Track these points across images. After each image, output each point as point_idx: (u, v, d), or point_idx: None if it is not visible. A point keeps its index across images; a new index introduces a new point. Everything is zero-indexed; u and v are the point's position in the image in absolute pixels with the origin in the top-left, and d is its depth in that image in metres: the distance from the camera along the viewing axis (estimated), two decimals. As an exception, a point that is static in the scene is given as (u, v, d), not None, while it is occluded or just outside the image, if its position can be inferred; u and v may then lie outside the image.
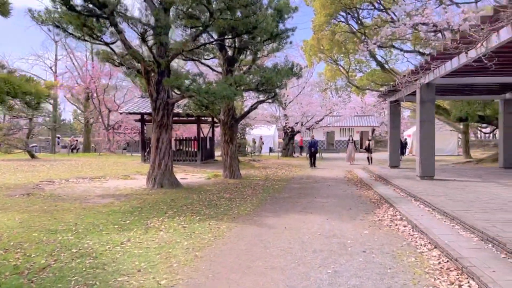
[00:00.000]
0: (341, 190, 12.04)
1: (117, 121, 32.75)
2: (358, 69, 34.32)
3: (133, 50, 11.24)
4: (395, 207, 8.38)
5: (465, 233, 5.75)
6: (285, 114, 32.16)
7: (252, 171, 18.53)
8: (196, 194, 10.76)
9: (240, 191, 11.46)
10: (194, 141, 21.54)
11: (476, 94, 16.46)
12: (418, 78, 11.85)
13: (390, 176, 13.82)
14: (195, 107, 14.27)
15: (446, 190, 9.67)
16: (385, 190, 11.14)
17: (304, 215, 8.08)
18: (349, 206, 9.15)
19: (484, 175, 13.55)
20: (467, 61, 8.89)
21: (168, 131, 12.50)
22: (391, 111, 17.50)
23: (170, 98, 12.43)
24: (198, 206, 9.00)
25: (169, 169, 12.48)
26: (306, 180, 15.00)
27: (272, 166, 21.72)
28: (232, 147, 15.26)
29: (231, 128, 15.15)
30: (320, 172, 18.66)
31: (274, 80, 11.96)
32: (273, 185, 13.08)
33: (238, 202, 9.56)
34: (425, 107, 12.35)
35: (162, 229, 6.79)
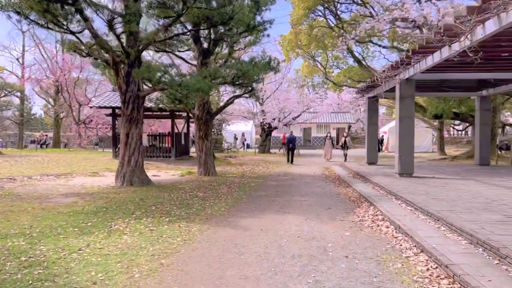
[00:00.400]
0: (319, 187, 11.67)
1: (89, 116, 31.53)
2: (336, 66, 34.23)
3: (100, 39, 10.50)
4: (375, 206, 8.03)
5: (452, 236, 5.42)
6: (263, 110, 31.72)
7: (228, 168, 18.00)
8: (168, 193, 10.16)
9: (214, 189, 10.92)
10: (168, 136, 20.81)
11: (453, 91, 16.41)
12: (398, 73, 11.57)
13: (368, 173, 13.56)
14: (168, 101, 13.59)
15: (427, 188, 9.41)
16: (364, 188, 10.83)
17: (281, 215, 7.63)
18: (328, 205, 8.76)
19: (462, 173, 13.46)
20: (450, 55, 8.61)
21: (139, 125, 11.82)
22: (369, 107, 17.28)
23: (140, 91, 11.75)
24: (168, 206, 8.41)
25: (140, 165, 11.82)
26: (284, 177, 14.59)
27: (249, 163, 21.24)
28: (207, 143, 14.68)
29: (206, 124, 14.57)
30: (298, 168, 18.31)
31: (251, 73, 11.44)
32: (250, 183, 12.60)
33: (211, 201, 9.02)
34: (404, 103, 12.10)
35: (127, 232, 6.20)
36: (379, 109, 60.75)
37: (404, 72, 11.69)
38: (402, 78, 11.93)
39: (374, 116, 17.32)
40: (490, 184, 10.29)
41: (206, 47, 14.26)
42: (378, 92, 15.71)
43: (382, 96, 15.54)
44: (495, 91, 15.76)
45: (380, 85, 15.05)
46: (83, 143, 29.67)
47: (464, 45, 7.85)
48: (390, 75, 11.74)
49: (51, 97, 36.28)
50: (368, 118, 17.30)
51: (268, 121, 32.02)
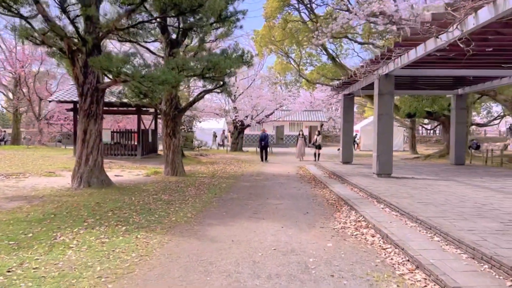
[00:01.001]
0: (294, 188, 10.96)
1: (50, 111, 29.72)
2: (309, 63, 33.85)
3: (53, 24, 9.36)
4: (357, 211, 7.36)
5: (450, 248, 4.77)
6: (235, 107, 30.85)
7: (198, 167, 17.06)
8: (129, 196, 9.17)
9: (181, 191, 10.00)
10: (134, 133, 19.63)
11: (429, 89, 16.09)
12: (378, 68, 10.98)
13: (345, 173, 12.96)
14: (132, 95, 12.50)
15: (409, 190, 8.84)
16: (342, 189, 10.19)
17: (255, 221, 6.82)
18: (306, 209, 8.04)
19: (440, 173, 13.08)
20: (436, 46, 8.04)
21: (98, 121, 10.74)
22: (344, 104, 16.74)
23: (100, 83, 10.66)
24: (127, 211, 7.46)
25: (99, 165, 10.74)
26: (257, 177, 13.81)
27: (220, 162, 20.34)
28: (175, 141, 13.70)
29: (174, 120, 13.58)
30: (271, 168, 17.58)
31: (222, 65, 10.57)
32: (220, 184, 11.74)
33: (177, 206, 8.12)
34: (383, 99, 11.55)
35: (73, 245, 5.24)
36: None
37: (384, 67, 11.12)
38: (381, 73, 11.37)
39: (349, 113, 16.80)
40: (472, 185, 9.85)
41: (174, 37, 13.29)
42: (355, 89, 15.17)
43: (359, 93, 15.01)
44: (471, 89, 15.54)
45: (357, 82, 14.51)
46: (44, 140, 27.89)
47: (453, 36, 7.27)
48: (370, 70, 11.14)
49: (10, 90, 34.08)
50: (343, 115, 16.76)
51: (241, 119, 31.19)
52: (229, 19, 13.27)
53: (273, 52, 30.67)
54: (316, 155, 21.70)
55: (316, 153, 21.79)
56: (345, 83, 15.06)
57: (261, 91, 32.95)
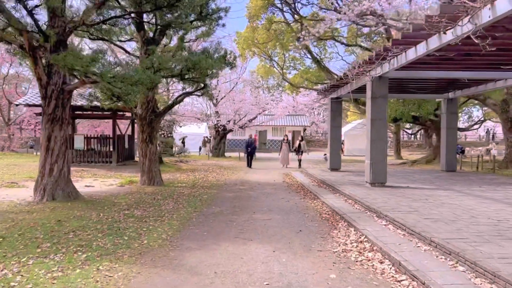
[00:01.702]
0: (283, 200, 10.04)
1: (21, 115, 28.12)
2: (292, 67, 33.11)
3: (9, 15, 8.23)
4: (357, 228, 6.49)
5: (482, 283, 3.91)
6: (217, 111, 29.85)
7: (178, 175, 15.99)
8: (97, 211, 8.08)
9: (157, 205, 8.96)
10: (109, 139, 18.40)
11: (421, 92, 15.46)
12: (371, 69, 10.20)
13: (335, 181, 12.13)
14: (104, 98, 11.41)
15: (410, 203, 8.03)
16: (335, 201, 9.32)
17: (242, 244, 5.86)
18: (298, 225, 7.12)
19: (434, 180, 12.39)
20: (440, 45, 7.27)
21: (64, 126, 9.62)
22: (332, 108, 15.95)
23: (66, 84, 9.56)
24: (92, 232, 6.39)
25: (65, 175, 9.61)
26: (241, 186, 12.84)
27: (202, 169, 19.30)
28: (152, 147, 12.63)
29: (150, 125, 12.52)
30: (256, 175, 16.64)
31: (203, 65, 9.61)
32: (201, 195, 10.73)
33: (151, 224, 7.09)
34: (376, 103, 10.78)
35: (16, 283, 4.18)
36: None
37: (378, 69, 10.35)
38: (374, 75, 10.60)
39: (337, 118, 16.02)
40: (474, 196, 9.13)
41: (151, 36, 12.28)
42: (343, 92, 14.40)
43: (348, 97, 14.25)
44: (462, 93, 14.98)
45: (345, 85, 13.74)
46: (12, 146, 26.26)
47: (461, 31, 6.50)
48: (362, 71, 10.35)
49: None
50: (331, 120, 15.98)
51: (223, 123, 30.20)
52: (211, 17, 12.35)
53: (256, 55, 29.87)
54: (299, 161, 20.70)
55: (299, 160, 20.78)
56: (333, 86, 14.28)
57: (244, 95, 32.05)
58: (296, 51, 31.26)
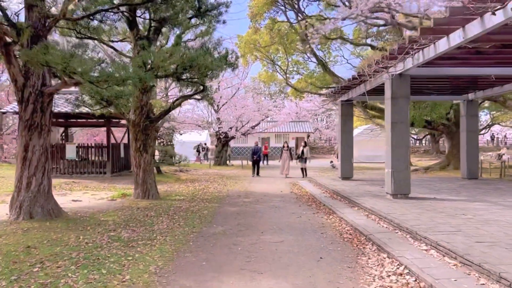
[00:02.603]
0: (293, 215, 8.80)
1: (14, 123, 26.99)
2: (296, 71, 31.97)
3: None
4: (390, 254, 5.26)
5: None
6: (218, 117, 28.70)
7: (176, 186, 14.76)
8: (78, 233, 6.86)
9: (149, 224, 7.72)
10: (103, 148, 17.20)
11: (438, 93, 14.25)
12: (392, 65, 8.99)
13: (350, 192, 10.89)
14: (92, 102, 10.25)
15: (447, 219, 6.79)
16: (355, 216, 8.08)
17: (250, 279, 4.63)
18: (317, 250, 5.88)
19: (461, 190, 11.13)
20: (485, 30, 6.07)
21: (44, 134, 8.43)
22: (342, 112, 14.74)
23: (46, 86, 8.39)
24: (65, 262, 5.16)
25: (45, 190, 8.40)
26: (245, 198, 11.60)
27: (202, 179, 18.08)
28: (147, 157, 11.43)
29: (145, 131, 11.33)
30: (260, 185, 15.40)
31: (200, 62, 8.42)
32: (201, 210, 9.49)
33: (139, 250, 5.85)
34: (397, 104, 9.57)
35: None
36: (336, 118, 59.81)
37: (399, 65, 9.16)
38: (394, 72, 9.40)
39: (348, 122, 14.81)
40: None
41: (144, 35, 11.15)
42: (355, 94, 13.22)
43: (361, 99, 13.06)
44: (484, 94, 13.75)
45: (357, 85, 12.57)
46: (4, 156, 25.07)
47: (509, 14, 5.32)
48: (384, 66, 9.14)
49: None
50: (341, 125, 14.77)
51: (225, 130, 29.04)
52: (210, 13, 11.25)
53: (258, 59, 28.77)
54: (303, 170, 18.81)
55: (303, 169, 18.89)
56: (344, 87, 13.09)
57: (246, 101, 30.91)
58: (300, 55, 30.24)
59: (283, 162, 19.48)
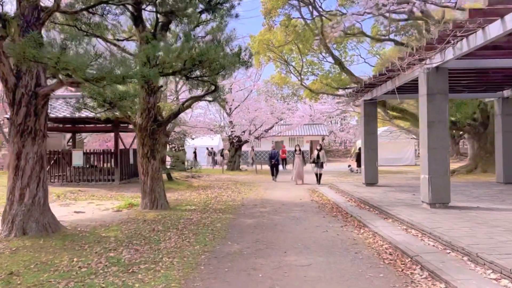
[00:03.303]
0: (318, 228, 7.74)
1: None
2: (311, 72, 30.93)
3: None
4: (452, 286, 4.18)
5: None
6: (231, 121, 27.78)
7: (188, 194, 13.81)
8: (72, 254, 5.92)
9: (156, 241, 6.76)
10: (111, 154, 16.38)
11: (468, 91, 13.06)
12: (429, 56, 7.89)
13: (379, 201, 9.80)
14: (95, 104, 9.38)
15: (508, 236, 5.67)
16: (392, 231, 6.99)
17: (276, 322, 3.61)
18: (354, 277, 4.83)
19: (504, 197, 9.97)
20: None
21: (38, 140, 7.57)
22: (365, 112, 13.63)
23: (41, 87, 7.53)
24: (48, 297, 4.23)
25: (40, 202, 7.52)
26: (262, 208, 10.59)
27: (215, 185, 17.12)
28: (155, 164, 10.51)
29: (152, 136, 10.41)
30: (277, 192, 14.37)
31: (211, 56, 7.47)
32: (214, 222, 8.51)
33: (141, 276, 4.88)
34: (434, 102, 8.47)
35: None
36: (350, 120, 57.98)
37: (436, 57, 8.06)
38: (430, 66, 8.31)
39: (372, 123, 13.69)
40: None
41: (151, 32, 10.27)
42: (380, 92, 12.13)
43: (394, 97, 11.97)
44: (523, 90, 12.51)
45: (383, 83, 11.50)
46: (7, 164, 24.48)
47: None
48: (418, 59, 8.06)
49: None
50: (364, 125, 13.65)
51: (237, 134, 28.09)
52: (222, 7, 10.33)
53: (272, 60, 27.84)
54: (318, 176, 16.78)
55: (317, 174, 16.82)
56: (368, 85, 12.00)
57: (259, 103, 29.92)
58: (314, 55, 29.18)
59: (296, 167, 17.51)
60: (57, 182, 15.98)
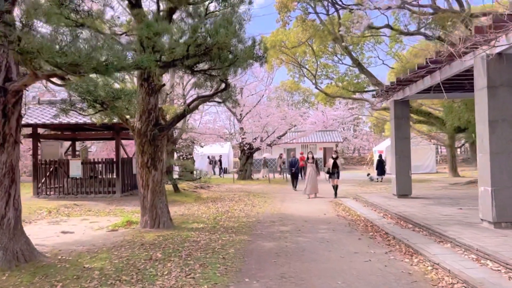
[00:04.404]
0: (358, 256, 6.12)
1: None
2: (325, 75, 29.39)
3: None
4: None
5: None
6: (241, 127, 26.29)
7: (195, 208, 12.28)
8: (35, 300, 4.41)
9: (151, 277, 5.22)
10: (112, 164, 14.93)
11: None
12: (496, 37, 6.28)
13: (423, 217, 8.16)
14: (86, 105, 7.94)
15: None
16: (459, 262, 5.35)
17: None
18: None
19: None
20: None
21: (8, 148, 6.11)
22: (396, 114, 12.00)
23: (11, 82, 6.09)
24: None
25: (9, 225, 6.04)
26: (282, 226, 8.99)
27: (226, 196, 15.58)
28: (156, 175, 8.99)
29: (153, 142, 8.90)
30: (296, 204, 12.78)
31: (221, 39, 5.97)
32: (225, 247, 6.94)
33: None
34: (497, 96, 6.85)
35: None
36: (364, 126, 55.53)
37: (500, 40, 6.45)
38: (489, 52, 6.70)
39: (404, 126, 12.03)
40: None
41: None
42: (413, 90, 10.53)
43: (432, 96, 10.34)
44: None
45: (421, 78, 9.91)
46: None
47: None
48: (473, 45, 6.46)
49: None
50: (395, 129, 12.01)
51: (248, 141, 26.58)
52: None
53: (284, 62, 26.39)
54: (335, 188, 14.32)
55: (334, 186, 14.36)
56: (402, 81, 10.40)
57: (271, 109, 28.38)
58: (329, 57, 27.66)
59: (309, 178, 14.87)
60: (53, 195, 14.59)
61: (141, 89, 8.75)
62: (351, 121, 46.13)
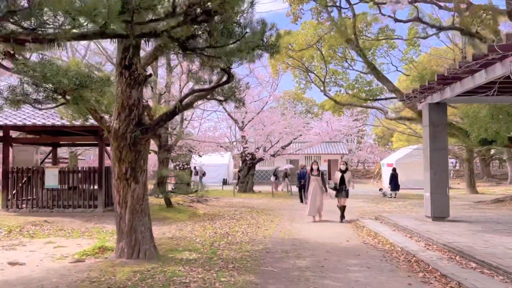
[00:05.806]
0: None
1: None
2: (334, 82, 27.51)
3: None
4: None
5: None
6: (243, 135, 24.35)
7: (189, 228, 10.24)
8: None
9: None
10: (94, 173, 12.89)
11: None
12: None
13: (492, 254, 6.15)
14: (41, 95, 5.99)
15: None
16: None
17: None
18: None
19: None
20: None
21: None
22: (431, 120, 10.01)
23: None
24: None
25: None
26: (297, 258, 6.95)
27: (225, 213, 13.53)
28: (137, 189, 6.96)
29: (134, 147, 6.90)
30: (307, 225, 10.76)
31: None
32: (225, 294, 4.91)
33: None
34: None
35: None
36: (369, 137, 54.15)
37: None
38: None
39: (441, 135, 10.02)
40: None
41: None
42: (456, 90, 8.58)
43: (476, 99, 8.37)
44: None
45: (468, 75, 7.97)
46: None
47: None
48: None
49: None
50: (429, 139, 10.01)
51: (251, 151, 24.61)
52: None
53: (290, 67, 24.60)
54: (342, 209, 11.70)
55: (340, 207, 11.74)
56: (444, 78, 8.45)
57: (276, 116, 26.47)
58: (339, 63, 25.87)
59: (312, 195, 11.94)
60: (26, 208, 12.56)
61: (121, 78, 6.76)
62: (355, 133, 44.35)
